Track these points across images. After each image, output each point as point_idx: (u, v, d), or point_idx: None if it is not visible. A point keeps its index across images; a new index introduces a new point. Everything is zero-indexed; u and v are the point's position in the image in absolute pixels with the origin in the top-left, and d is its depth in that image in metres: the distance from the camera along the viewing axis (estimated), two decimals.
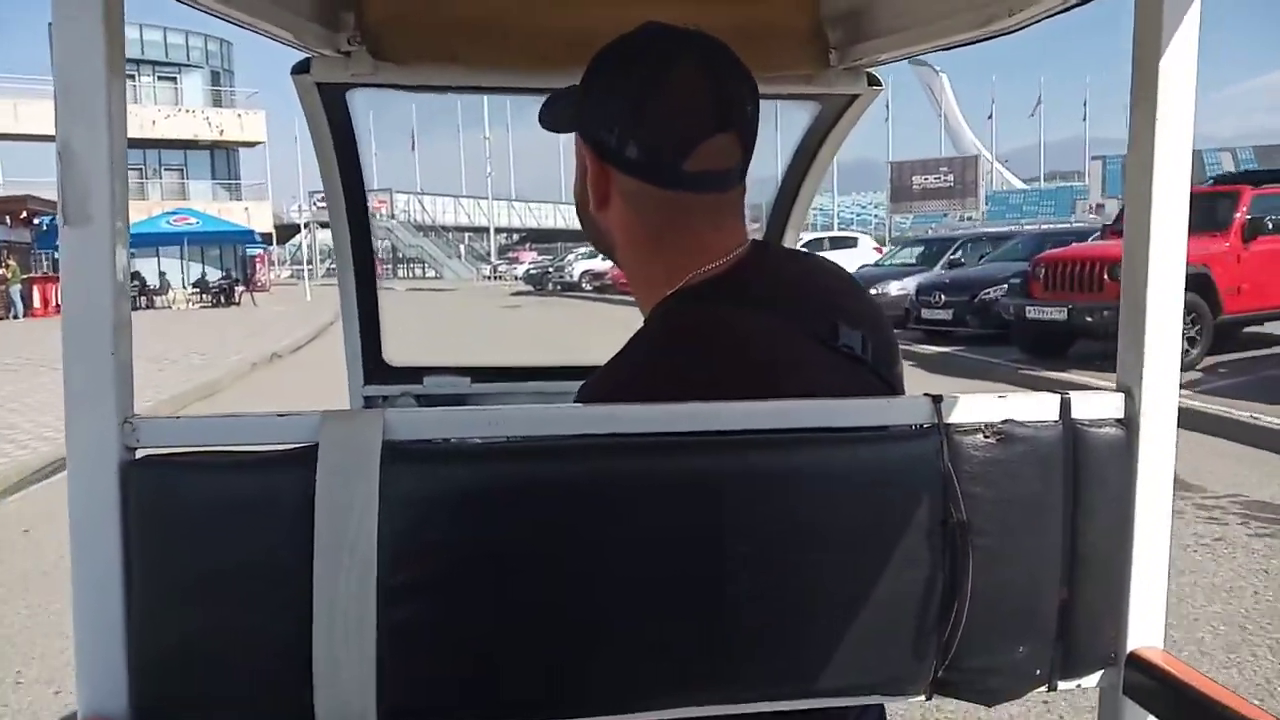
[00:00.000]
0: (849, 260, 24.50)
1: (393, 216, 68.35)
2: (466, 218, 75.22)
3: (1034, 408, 1.07)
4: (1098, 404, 1.10)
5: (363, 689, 0.91)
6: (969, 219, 48.13)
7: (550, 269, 40.44)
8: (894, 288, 16.62)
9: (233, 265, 47.25)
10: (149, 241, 34.10)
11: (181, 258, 37.78)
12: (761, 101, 1.16)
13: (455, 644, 0.95)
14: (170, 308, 32.95)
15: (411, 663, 0.93)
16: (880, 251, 26.19)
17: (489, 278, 55.88)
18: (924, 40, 1.56)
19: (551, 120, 1.22)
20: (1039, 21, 1.30)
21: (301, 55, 1.66)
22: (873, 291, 15.39)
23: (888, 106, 75.25)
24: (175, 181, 47.00)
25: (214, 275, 37.04)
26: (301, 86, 1.71)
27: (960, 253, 18.57)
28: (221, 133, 44.98)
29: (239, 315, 28.94)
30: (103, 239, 0.89)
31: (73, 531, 0.91)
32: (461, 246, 69.20)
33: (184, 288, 34.57)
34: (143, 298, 31.63)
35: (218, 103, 46.61)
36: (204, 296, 33.95)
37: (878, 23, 1.64)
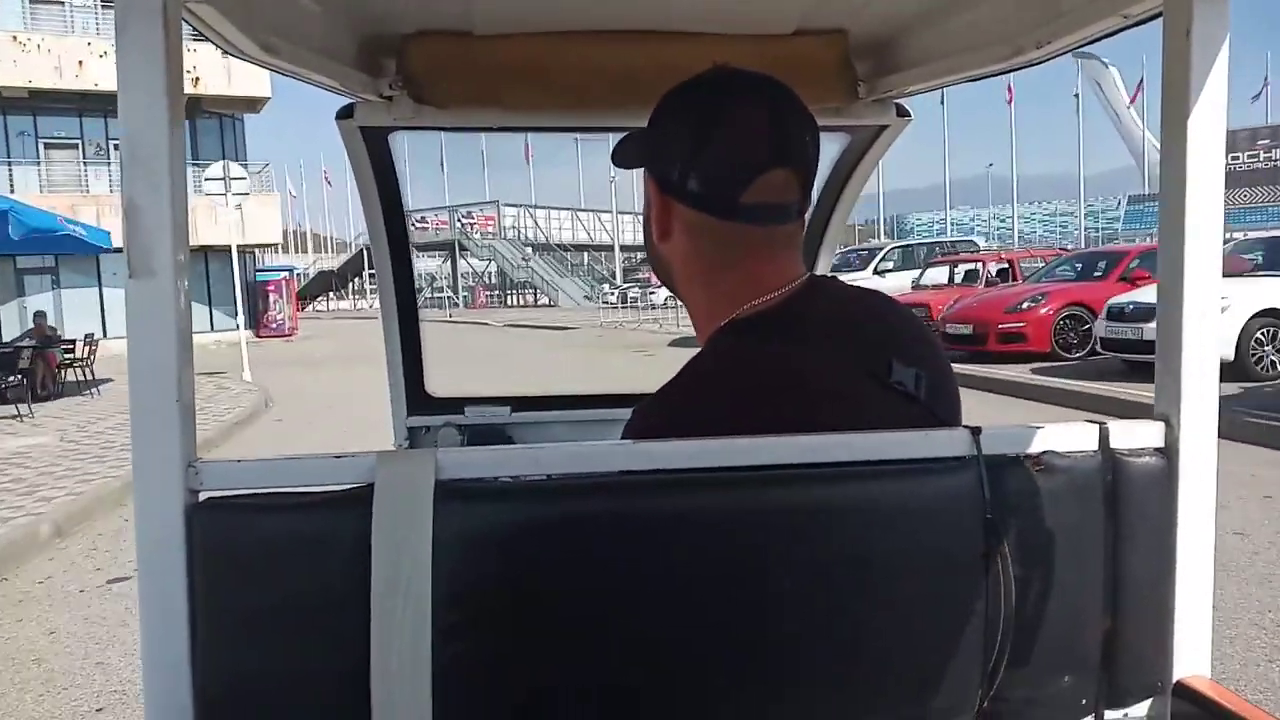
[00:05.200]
0: None
1: (500, 235, 51.55)
2: (585, 234, 57.35)
3: (1073, 438, 1.03)
4: (1137, 433, 1.06)
5: None
6: None
7: None
8: None
9: (235, 297, 29.04)
10: None
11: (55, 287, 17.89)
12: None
13: (508, 681, 0.92)
14: None
15: (466, 699, 0.91)
16: None
17: (617, 305, 33.92)
18: (951, 72, 1.52)
19: (622, 158, 1.19)
20: (1068, 52, 1.29)
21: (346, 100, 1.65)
22: None
23: (1077, 96, 55.89)
24: None
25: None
26: (346, 130, 1.69)
27: None
28: (197, 82, 25.70)
29: None
30: (166, 291, 0.89)
31: (140, 571, 0.90)
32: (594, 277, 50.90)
33: None
34: None
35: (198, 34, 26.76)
36: None
37: (905, 56, 1.61)
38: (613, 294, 39.52)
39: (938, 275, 17.39)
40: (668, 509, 0.94)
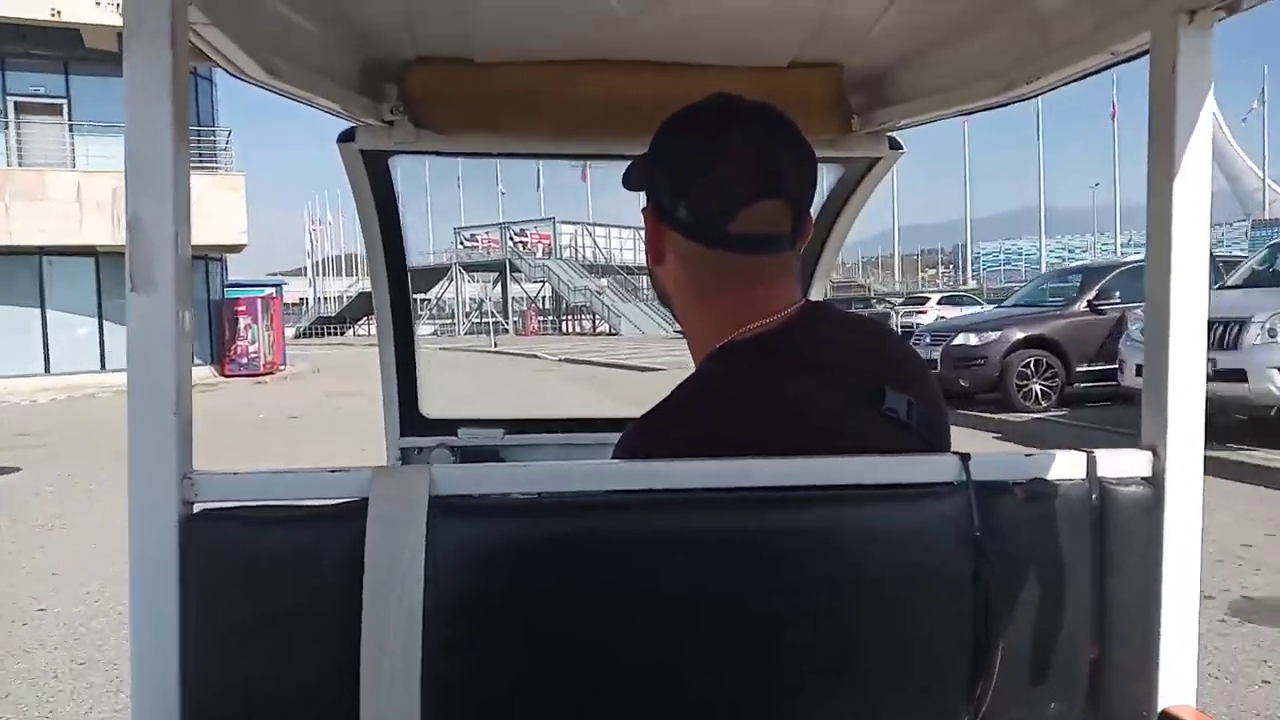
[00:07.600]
0: None
1: (556, 254, 45.32)
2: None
3: (1061, 466, 1.04)
4: (1124, 462, 1.06)
5: None
6: None
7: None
8: None
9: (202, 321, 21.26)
10: None
11: None
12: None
13: (497, 695, 0.92)
14: None
15: (455, 713, 0.91)
16: None
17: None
18: (945, 106, 1.54)
19: (628, 179, 1.19)
20: (1058, 88, 1.31)
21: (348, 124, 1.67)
22: None
23: None
24: (49, 126, 21.04)
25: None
26: (347, 154, 1.72)
27: None
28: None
29: None
30: (166, 304, 0.90)
31: (132, 580, 0.91)
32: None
33: None
34: None
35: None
36: None
37: (899, 89, 1.61)
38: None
39: None
40: (658, 529, 0.94)
